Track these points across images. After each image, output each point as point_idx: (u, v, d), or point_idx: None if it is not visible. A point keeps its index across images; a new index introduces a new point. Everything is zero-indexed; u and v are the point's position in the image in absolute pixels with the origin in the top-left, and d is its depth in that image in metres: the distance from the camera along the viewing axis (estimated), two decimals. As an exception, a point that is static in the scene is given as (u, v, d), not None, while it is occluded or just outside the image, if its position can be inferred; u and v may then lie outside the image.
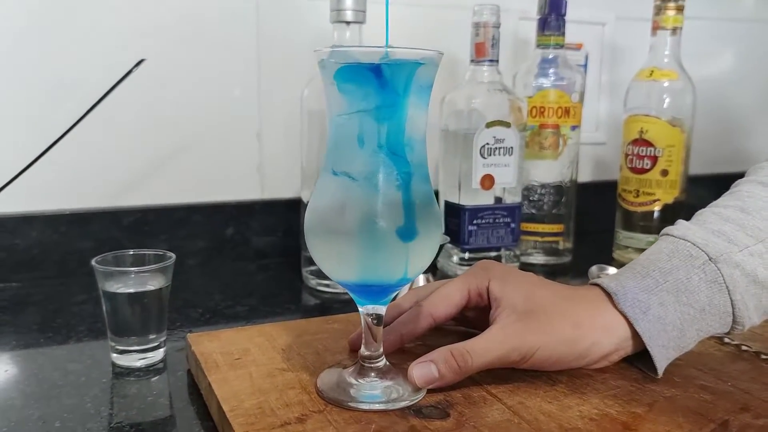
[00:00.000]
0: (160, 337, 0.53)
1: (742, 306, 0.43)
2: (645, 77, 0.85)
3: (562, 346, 0.42)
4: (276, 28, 0.83)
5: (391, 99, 0.37)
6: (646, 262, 0.45)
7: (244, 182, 0.85)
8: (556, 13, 0.83)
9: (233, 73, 0.82)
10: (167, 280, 0.53)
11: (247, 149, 0.85)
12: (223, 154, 0.83)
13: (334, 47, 0.38)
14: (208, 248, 0.82)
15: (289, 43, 0.84)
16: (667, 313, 0.43)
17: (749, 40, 1.19)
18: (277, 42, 0.83)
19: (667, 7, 0.84)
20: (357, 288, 0.41)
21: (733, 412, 0.40)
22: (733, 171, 1.18)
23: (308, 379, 0.44)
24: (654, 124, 0.84)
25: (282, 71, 0.84)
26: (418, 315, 0.46)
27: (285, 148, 0.86)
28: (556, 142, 0.85)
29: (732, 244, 0.43)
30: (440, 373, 0.41)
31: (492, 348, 0.42)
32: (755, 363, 0.48)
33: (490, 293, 0.46)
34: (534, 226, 0.86)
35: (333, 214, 0.39)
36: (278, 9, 0.83)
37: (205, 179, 0.83)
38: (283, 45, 0.84)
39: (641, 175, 0.86)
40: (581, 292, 0.45)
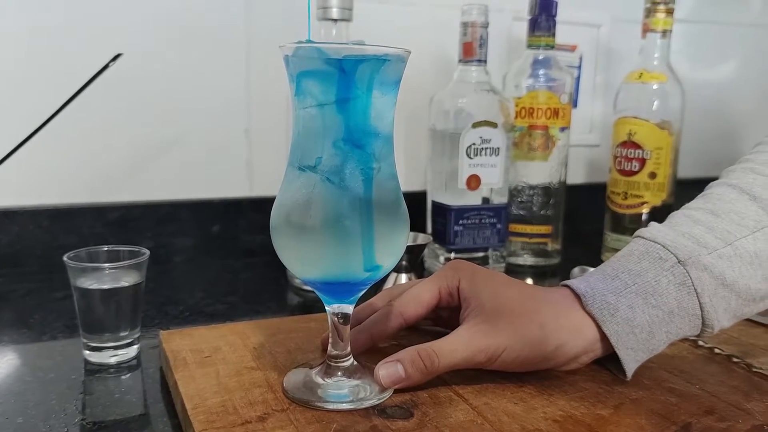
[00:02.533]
0: (134, 333, 0.53)
1: (710, 309, 0.43)
2: (634, 79, 0.85)
3: (528, 347, 0.42)
4: (265, 23, 0.83)
5: (355, 94, 0.37)
6: (616, 264, 0.45)
7: (232, 179, 0.85)
8: (546, 13, 0.83)
9: (222, 69, 0.82)
10: (142, 276, 0.53)
11: (236, 145, 0.85)
12: (210, 150, 0.83)
13: (299, 43, 0.38)
14: (194, 245, 0.82)
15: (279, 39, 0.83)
16: (636, 315, 0.43)
17: (744, 45, 1.19)
18: (267, 37, 0.83)
19: (657, 9, 0.83)
20: (322, 286, 0.41)
21: (696, 415, 0.40)
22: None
23: (276, 378, 0.44)
24: (642, 127, 0.83)
25: (271, 67, 0.84)
26: (389, 315, 0.46)
27: (274, 145, 0.86)
28: (545, 144, 0.85)
29: (701, 247, 0.43)
30: (407, 374, 0.41)
31: (459, 349, 0.42)
32: (726, 366, 0.47)
33: (460, 293, 0.46)
34: (522, 227, 0.86)
35: (298, 210, 0.39)
36: (268, 4, 0.83)
37: (192, 175, 0.83)
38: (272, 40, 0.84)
39: (629, 177, 0.85)
40: (550, 294, 0.45)
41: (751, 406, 0.41)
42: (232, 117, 0.84)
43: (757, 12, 1.19)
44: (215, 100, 0.82)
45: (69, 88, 0.62)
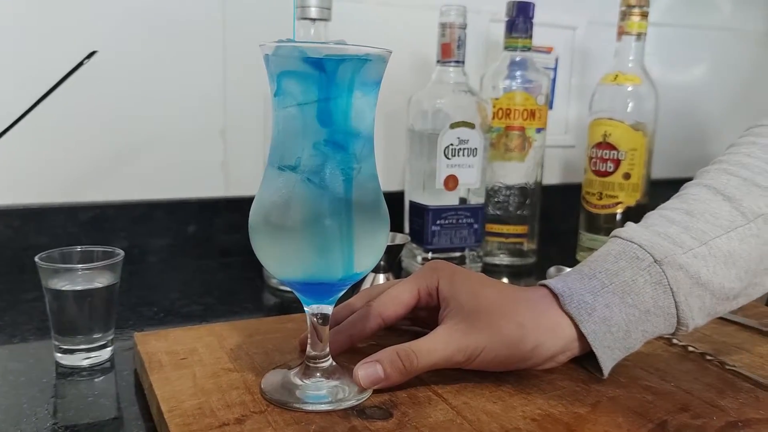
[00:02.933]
0: (108, 335, 0.52)
1: (685, 307, 0.43)
2: (610, 81, 0.86)
3: (506, 347, 0.42)
4: (243, 22, 0.82)
5: (336, 94, 0.37)
6: (594, 264, 0.46)
7: (208, 179, 0.84)
8: (523, 15, 0.84)
9: (198, 68, 0.81)
10: (116, 277, 0.52)
11: (211, 146, 0.84)
12: (186, 150, 0.82)
13: (279, 42, 0.37)
14: (169, 246, 0.81)
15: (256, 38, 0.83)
16: (613, 314, 0.43)
17: (717, 48, 1.21)
18: (244, 37, 0.83)
19: (632, 12, 0.84)
20: (301, 287, 0.41)
21: (672, 412, 0.40)
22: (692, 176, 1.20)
23: (253, 379, 0.43)
24: (617, 128, 0.85)
25: (248, 67, 0.83)
26: (368, 315, 0.46)
27: (250, 145, 0.85)
28: (522, 144, 0.85)
29: (677, 246, 0.44)
30: (386, 374, 0.41)
31: (437, 349, 0.42)
32: (700, 364, 0.48)
33: (439, 293, 0.46)
34: (499, 227, 0.86)
35: (277, 210, 0.39)
36: (245, 2, 0.82)
37: (168, 175, 0.82)
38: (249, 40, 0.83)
39: (604, 177, 0.86)
40: (528, 293, 0.45)
41: (725, 403, 0.42)
42: (208, 117, 0.83)
43: (727, 16, 1.21)
44: (191, 99, 0.81)
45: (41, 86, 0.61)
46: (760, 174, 0.45)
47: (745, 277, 0.44)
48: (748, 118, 1.29)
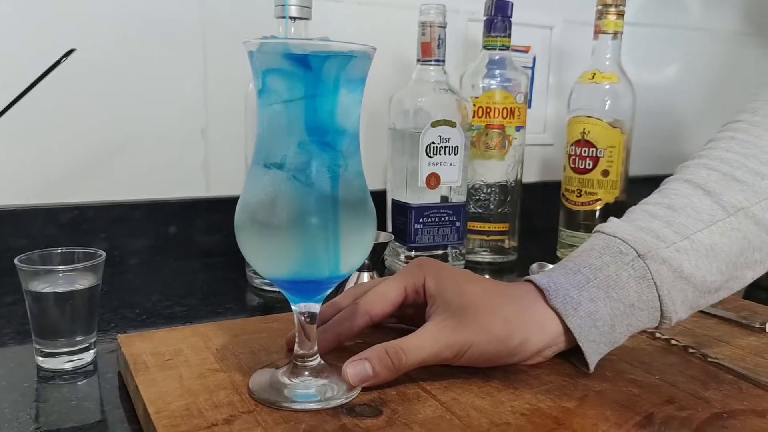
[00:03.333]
0: (90, 338, 0.51)
1: (668, 301, 0.44)
2: (587, 80, 0.87)
3: (494, 342, 0.43)
4: (222, 20, 0.82)
5: (322, 91, 0.37)
6: (578, 259, 0.46)
7: (188, 179, 0.83)
8: (502, 14, 0.84)
9: (178, 67, 0.80)
10: (98, 279, 0.51)
11: (192, 145, 0.83)
12: (166, 150, 0.81)
13: (263, 38, 0.37)
14: (149, 247, 0.80)
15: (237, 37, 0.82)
16: (598, 308, 0.43)
17: (689, 47, 1.23)
18: (224, 35, 0.82)
19: (609, 12, 0.85)
20: (288, 285, 0.41)
21: (658, 405, 0.41)
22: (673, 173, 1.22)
23: (241, 379, 0.43)
24: (595, 126, 0.85)
25: (229, 65, 0.83)
26: (355, 313, 0.46)
27: (231, 145, 0.84)
28: (502, 143, 0.86)
29: (659, 241, 0.44)
30: (374, 371, 0.41)
31: (425, 345, 0.42)
32: (683, 356, 0.49)
33: (426, 290, 0.46)
34: (480, 224, 0.87)
35: (263, 208, 0.39)
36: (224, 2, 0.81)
37: (148, 175, 0.81)
38: (229, 38, 0.83)
39: (583, 175, 0.87)
40: (513, 289, 0.46)
41: (709, 394, 0.43)
42: (188, 116, 0.82)
43: (698, 16, 1.23)
44: (171, 98, 0.81)
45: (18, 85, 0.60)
46: (739, 169, 0.46)
47: (726, 270, 0.45)
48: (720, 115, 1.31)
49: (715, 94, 1.28)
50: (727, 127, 0.50)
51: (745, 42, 1.30)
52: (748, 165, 0.46)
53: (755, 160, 0.46)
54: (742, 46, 1.30)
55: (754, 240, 0.45)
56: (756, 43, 1.32)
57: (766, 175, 0.45)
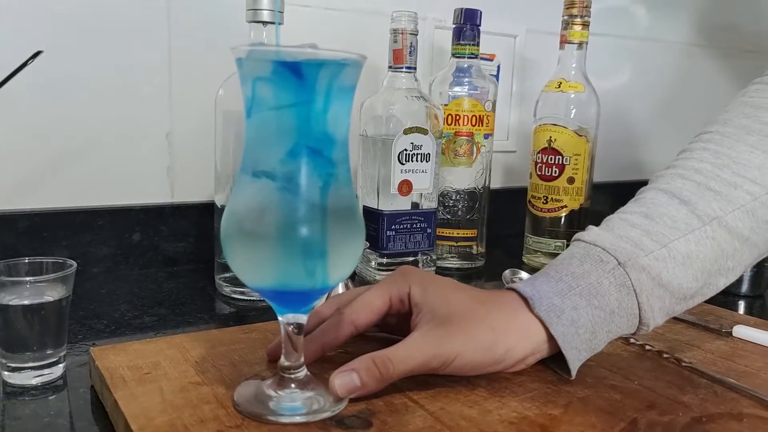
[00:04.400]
0: (60, 351, 0.49)
1: (647, 308, 0.45)
2: (553, 88, 0.88)
3: (480, 351, 0.43)
4: (188, 23, 0.80)
5: (313, 99, 0.36)
6: (560, 267, 0.47)
7: (153, 185, 0.81)
8: (471, 23, 0.85)
9: (142, 69, 0.78)
10: (68, 290, 0.49)
11: (156, 150, 0.81)
12: (130, 154, 0.79)
13: (253, 45, 0.36)
14: (113, 255, 0.78)
15: (202, 39, 0.81)
16: (580, 316, 0.44)
17: (645, 57, 1.27)
18: (190, 38, 0.80)
19: (574, 22, 0.87)
20: (276, 296, 0.40)
21: (640, 410, 0.42)
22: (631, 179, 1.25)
23: (224, 392, 0.42)
24: (561, 134, 0.87)
25: (195, 68, 0.81)
26: (340, 323, 0.46)
27: (197, 150, 0.83)
28: (470, 150, 0.87)
29: (639, 249, 0.45)
30: (362, 382, 0.41)
31: (413, 355, 0.42)
32: (658, 361, 0.50)
33: (411, 299, 0.46)
34: (449, 231, 0.87)
35: (251, 217, 0.38)
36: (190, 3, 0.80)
37: (111, 181, 0.78)
38: (195, 40, 0.81)
39: (549, 182, 0.89)
40: (498, 298, 0.46)
41: (687, 399, 0.44)
42: (152, 120, 0.80)
43: (652, 27, 1.27)
44: (135, 101, 0.78)
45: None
46: (713, 179, 0.48)
47: (701, 277, 0.46)
48: (675, 123, 1.35)
49: (669, 103, 1.32)
50: (699, 138, 0.52)
51: (697, 53, 1.35)
52: (721, 175, 0.47)
53: (728, 170, 0.48)
54: (694, 57, 1.35)
55: (727, 248, 0.46)
56: (706, 54, 1.37)
57: (739, 185, 0.47)
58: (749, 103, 0.51)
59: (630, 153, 1.28)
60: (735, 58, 1.42)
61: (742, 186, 0.47)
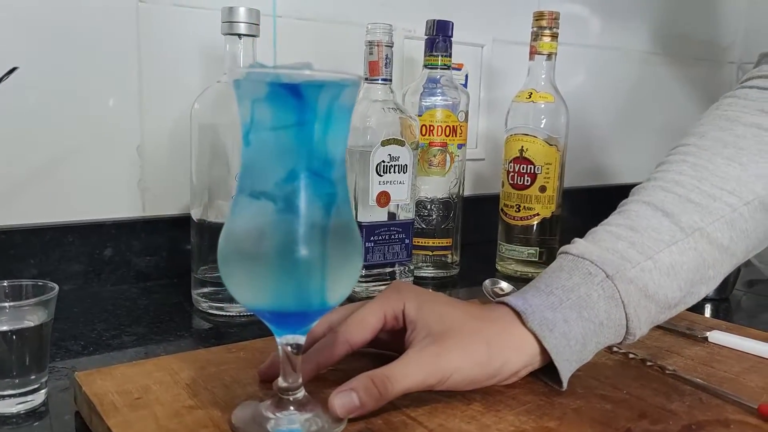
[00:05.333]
0: (41, 377, 0.48)
1: (635, 318, 0.46)
2: (524, 99, 0.90)
3: (476, 367, 0.43)
4: (159, 34, 0.79)
5: (313, 119, 0.36)
6: (549, 280, 0.48)
7: (124, 199, 0.80)
8: (443, 34, 0.86)
9: (111, 81, 0.77)
10: (49, 314, 0.48)
11: (127, 164, 0.79)
12: (99, 168, 0.77)
13: (252, 66, 0.36)
14: (84, 272, 0.76)
15: (174, 52, 0.80)
16: (571, 328, 0.45)
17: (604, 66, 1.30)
18: (161, 50, 0.79)
19: (544, 34, 0.89)
20: (275, 317, 0.40)
21: (633, 420, 0.43)
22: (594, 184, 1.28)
23: (220, 415, 0.41)
24: (533, 143, 0.89)
25: (166, 80, 0.80)
26: (335, 342, 0.45)
27: (169, 163, 0.81)
28: (444, 160, 0.87)
29: (625, 261, 0.46)
30: (361, 402, 0.41)
31: (410, 373, 0.42)
32: (642, 370, 0.52)
33: (406, 316, 0.46)
34: (425, 240, 0.88)
35: (251, 238, 0.37)
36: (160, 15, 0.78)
37: (80, 196, 0.76)
38: (167, 53, 0.80)
39: (522, 191, 0.90)
40: (490, 312, 0.47)
41: (675, 407, 0.45)
42: (122, 133, 0.78)
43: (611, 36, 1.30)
44: (104, 114, 0.77)
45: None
46: (693, 191, 0.49)
47: (684, 287, 0.48)
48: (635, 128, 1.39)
49: (629, 109, 1.36)
50: (677, 150, 0.54)
51: (653, 61, 1.39)
52: (701, 188, 0.49)
53: (707, 182, 0.49)
54: (651, 64, 1.39)
55: (708, 258, 0.48)
56: (661, 62, 1.41)
57: (718, 197, 0.49)
58: (723, 116, 0.53)
59: (592, 158, 1.31)
60: (689, 66, 1.47)
61: (721, 198, 0.49)
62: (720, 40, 1.53)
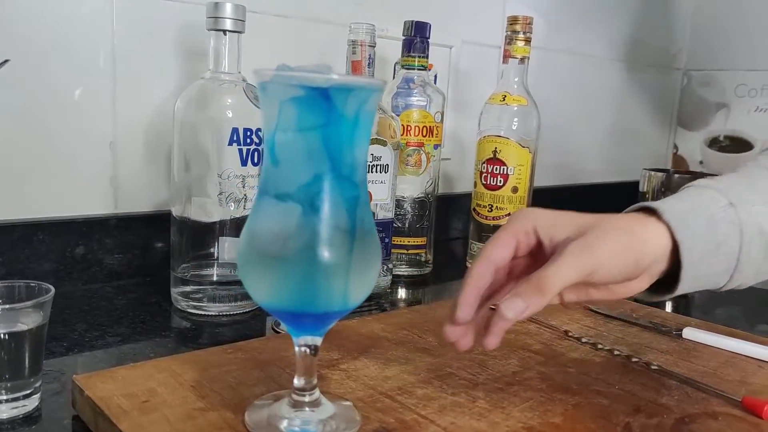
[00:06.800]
0: (35, 382, 0.46)
1: (747, 250, 0.47)
2: (498, 101, 0.92)
3: (621, 256, 0.44)
4: (133, 27, 0.77)
5: (339, 123, 0.37)
6: (678, 196, 0.48)
7: (95, 195, 0.77)
8: (420, 35, 0.87)
9: (84, 75, 0.74)
10: (44, 317, 0.46)
11: (99, 159, 0.77)
12: (70, 164, 0.75)
13: (279, 69, 0.36)
14: (55, 270, 0.73)
15: (147, 46, 0.78)
16: (696, 237, 0.45)
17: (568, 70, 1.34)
18: (136, 43, 0.77)
19: (517, 38, 0.91)
20: (295, 318, 0.40)
21: (630, 414, 0.45)
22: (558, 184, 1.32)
23: (233, 417, 0.41)
24: (506, 145, 0.91)
25: (139, 74, 0.78)
26: (478, 265, 0.45)
27: (143, 159, 0.79)
28: (420, 160, 0.88)
29: (745, 197, 0.48)
30: (527, 303, 0.41)
31: (563, 269, 0.42)
32: (629, 366, 0.54)
33: (540, 229, 0.46)
34: (400, 239, 0.89)
35: (275, 240, 0.37)
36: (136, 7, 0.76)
37: (51, 192, 0.74)
38: (139, 45, 0.78)
39: (495, 191, 0.92)
40: (623, 214, 0.48)
41: (665, 401, 0.48)
42: (94, 128, 0.76)
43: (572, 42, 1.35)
44: (76, 109, 0.74)
45: None
46: None
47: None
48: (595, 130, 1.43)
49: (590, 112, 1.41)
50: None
51: (610, 66, 1.45)
52: None
53: None
54: (609, 69, 1.44)
55: None
56: (617, 67, 1.47)
57: None
58: None
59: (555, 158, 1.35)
60: (641, 72, 1.53)
61: None
62: (669, 47, 1.60)
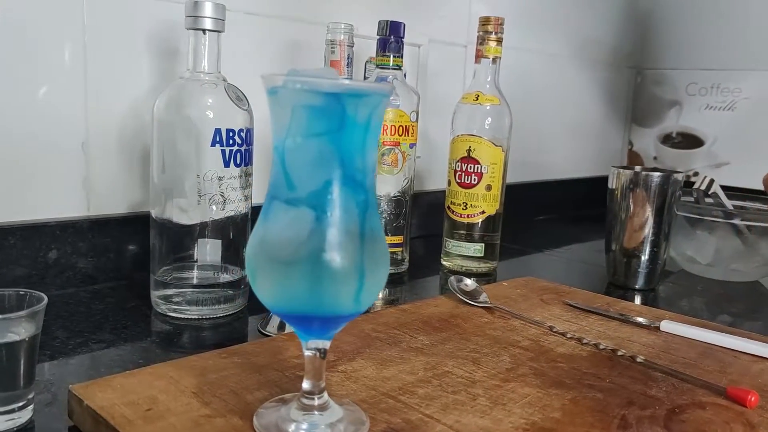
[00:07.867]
0: (28, 393, 0.45)
1: None
2: (471, 101, 0.93)
3: None
4: (106, 24, 0.75)
5: (351, 128, 0.37)
6: None
7: (67, 198, 0.75)
8: (395, 35, 0.87)
9: (55, 74, 0.72)
10: (37, 327, 0.45)
11: (71, 161, 0.75)
12: (40, 166, 0.72)
13: (290, 73, 0.36)
14: (27, 275, 0.71)
15: (119, 44, 0.76)
16: None
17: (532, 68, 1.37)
18: (108, 41, 0.75)
19: (489, 38, 0.92)
20: (304, 321, 0.40)
21: (624, 407, 0.47)
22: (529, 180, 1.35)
23: (241, 423, 0.41)
24: (480, 144, 0.92)
25: (112, 73, 0.76)
26: None
27: (117, 160, 0.77)
28: (396, 159, 0.89)
29: None
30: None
31: None
32: (616, 360, 0.56)
33: None
34: (377, 238, 0.89)
35: (286, 245, 0.37)
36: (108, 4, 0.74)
37: (21, 195, 0.71)
38: (112, 44, 0.76)
39: (469, 189, 0.94)
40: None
41: (654, 393, 0.50)
42: (66, 129, 0.74)
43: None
44: (46, 109, 0.72)
45: None
46: None
47: None
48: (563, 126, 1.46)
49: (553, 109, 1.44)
50: None
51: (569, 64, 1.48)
52: None
53: None
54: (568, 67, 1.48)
55: None
56: (576, 65, 1.51)
57: None
58: None
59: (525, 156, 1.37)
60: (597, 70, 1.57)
61: None
62: (622, 46, 1.65)
